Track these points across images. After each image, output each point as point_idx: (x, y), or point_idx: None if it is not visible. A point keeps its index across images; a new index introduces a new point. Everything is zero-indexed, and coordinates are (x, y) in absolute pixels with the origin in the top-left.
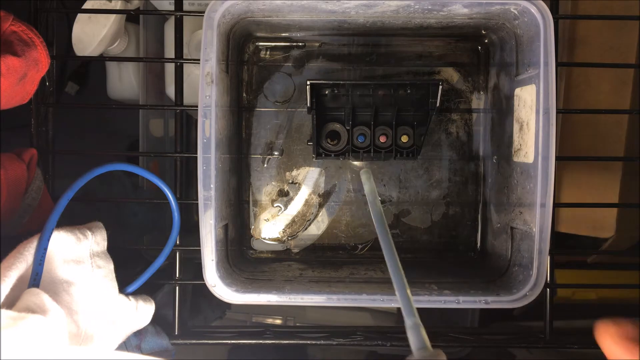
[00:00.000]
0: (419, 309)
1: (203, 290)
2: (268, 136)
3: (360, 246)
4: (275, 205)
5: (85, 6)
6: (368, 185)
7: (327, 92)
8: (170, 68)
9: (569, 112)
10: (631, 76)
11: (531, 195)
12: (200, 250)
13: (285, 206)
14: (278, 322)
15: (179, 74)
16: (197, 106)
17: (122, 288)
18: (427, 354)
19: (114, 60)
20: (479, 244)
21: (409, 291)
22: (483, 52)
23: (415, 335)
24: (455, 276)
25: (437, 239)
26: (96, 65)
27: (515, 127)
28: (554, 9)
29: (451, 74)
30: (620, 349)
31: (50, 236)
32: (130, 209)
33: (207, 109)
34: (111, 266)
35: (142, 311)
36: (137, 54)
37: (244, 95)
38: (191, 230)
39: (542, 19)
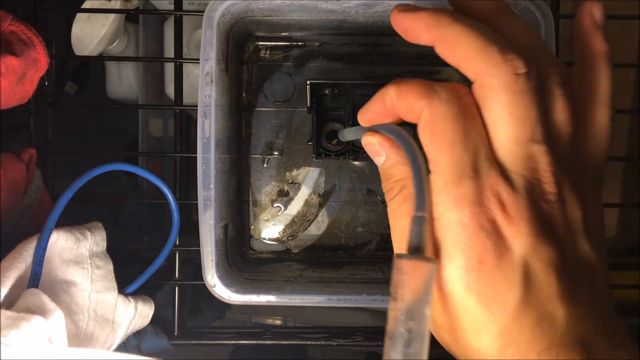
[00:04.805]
0: None
1: (203, 291)
2: (268, 136)
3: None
4: (275, 205)
5: (85, 6)
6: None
7: (327, 92)
8: (169, 68)
9: None
10: (631, 76)
11: None
12: (200, 250)
13: (285, 206)
14: (278, 322)
15: (178, 73)
16: (196, 106)
17: (122, 288)
18: (421, 257)
19: (114, 59)
20: None
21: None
22: None
23: (417, 230)
24: None
25: None
26: (95, 65)
27: None
28: (554, 8)
29: (451, 74)
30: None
31: (49, 236)
32: (130, 209)
33: (207, 108)
34: (110, 266)
35: (142, 312)
36: (136, 54)
37: (244, 95)
38: (191, 230)
39: (542, 18)
